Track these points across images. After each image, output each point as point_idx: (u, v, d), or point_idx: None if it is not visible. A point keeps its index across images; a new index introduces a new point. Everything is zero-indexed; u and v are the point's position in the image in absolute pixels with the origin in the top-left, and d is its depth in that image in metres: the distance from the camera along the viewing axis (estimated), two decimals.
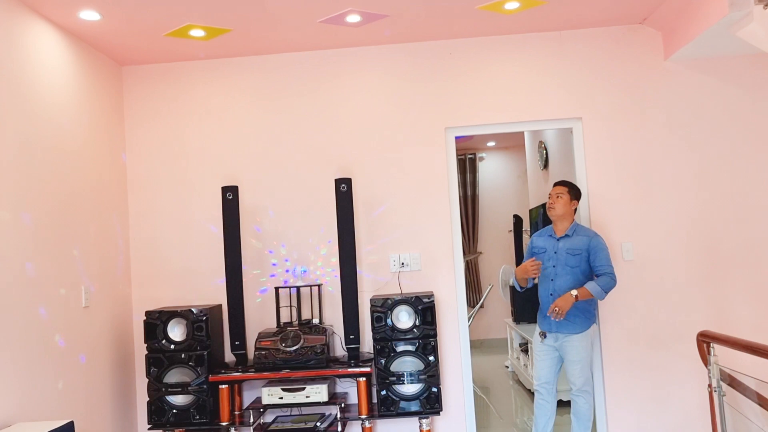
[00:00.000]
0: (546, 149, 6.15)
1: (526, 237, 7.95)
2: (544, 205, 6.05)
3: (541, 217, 6.17)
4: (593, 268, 3.71)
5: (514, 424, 4.88)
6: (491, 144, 8.53)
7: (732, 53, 4.15)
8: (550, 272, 3.79)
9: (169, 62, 4.38)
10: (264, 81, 4.36)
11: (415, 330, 3.85)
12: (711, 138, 4.19)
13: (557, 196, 3.81)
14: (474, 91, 4.29)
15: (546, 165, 6.19)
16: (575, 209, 3.84)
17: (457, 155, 8.62)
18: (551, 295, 3.75)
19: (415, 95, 4.31)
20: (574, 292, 3.58)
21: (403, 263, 4.25)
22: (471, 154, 8.62)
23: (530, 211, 6.95)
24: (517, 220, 7.47)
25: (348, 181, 3.97)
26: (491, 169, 8.72)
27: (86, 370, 3.69)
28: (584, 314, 3.70)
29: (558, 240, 3.80)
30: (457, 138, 7.51)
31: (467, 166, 8.61)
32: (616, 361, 4.14)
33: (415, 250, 4.26)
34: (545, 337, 3.79)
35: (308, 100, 4.34)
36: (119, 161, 4.27)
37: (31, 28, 3.36)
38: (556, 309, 3.58)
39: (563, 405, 5.08)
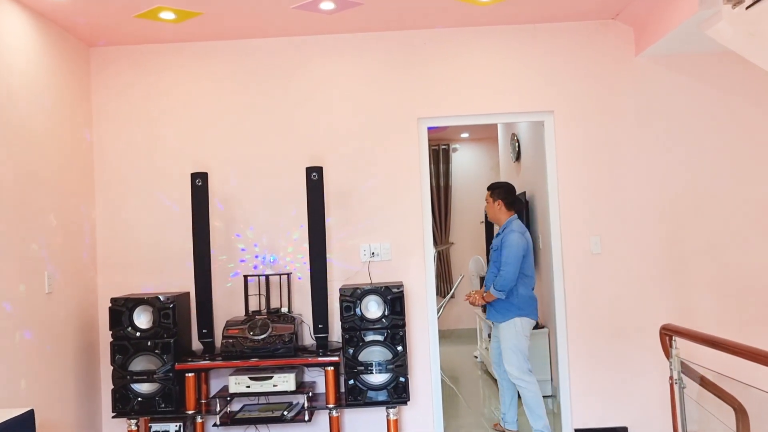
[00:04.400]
0: (519, 142, 6.18)
1: (496, 228, 8.00)
2: None
3: None
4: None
5: (482, 413, 4.93)
6: (465, 135, 8.56)
7: (702, 51, 4.21)
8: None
9: (138, 44, 4.29)
10: (235, 66, 4.30)
11: (383, 320, 3.86)
12: (679, 134, 4.26)
13: (486, 203, 4.38)
14: (447, 82, 4.29)
15: (518, 158, 6.23)
16: (506, 208, 4.25)
17: (431, 146, 8.63)
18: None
19: (388, 84, 4.29)
20: (484, 292, 4.20)
21: (373, 253, 4.25)
22: (444, 144, 8.64)
23: None
24: None
25: (319, 170, 3.95)
26: (464, 160, 8.75)
27: (50, 357, 3.62)
28: (505, 305, 4.10)
29: (495, 238, 4.32)
30: (430, 128, 7.52)
31: (441, 156, 8.62)
32: (582, 352, 4.20)
33: (385, 240, 4.25)
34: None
35: (280, 86, 4.29)
36: (85, 144, 4.18)
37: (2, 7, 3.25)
38: (467, 299, 4.33)
39: None
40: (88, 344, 4.08)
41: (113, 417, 3.75)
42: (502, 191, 4.26)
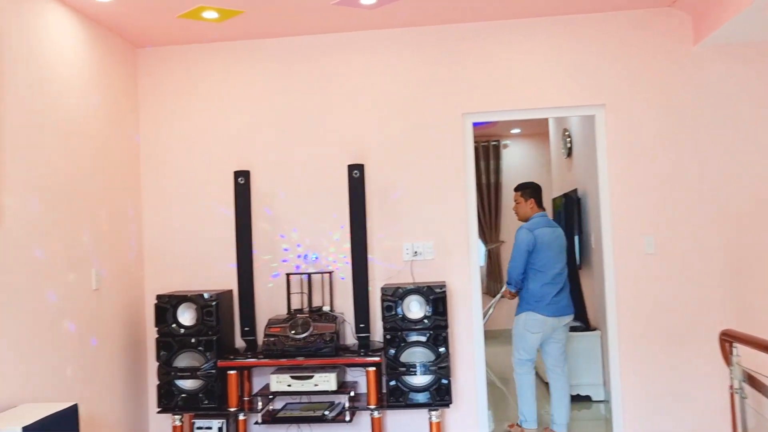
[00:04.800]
0: (570, 137, 5.98)
1: None
2: (566, 195, 5.90)
3: (563, 207, 6.02)
4: None
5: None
6: (515, 131, 8.36)
7: (766, 39, 3.95)
8: None
9: (182, 44, 4.33)
10: (277, 64, 4.29)
11: (426, 320, 3.78)
12: (741, 129, 4.00)
13: (515, 203, 4.46)
14: (493, 76, 4.16)
15: (570, 153, 6.03)
16: (537, 206, 4.36)
17: (480, 142, 8.48)
18: None
19: (431, 80, 4.20)
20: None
21: (416, 252, 4.17)
22: (495, 140, 8.46)
23: (553, 200, 6.79)
24: None
25: (361, 167, 3.89)
26: (515, 156, 8.55)
27: (96, 352, 3.70)
28: (520, 299, 4.31)
29: None
30: (479, 124, 7.37)
31: (490, 152, 8.46)
32: (635, 356, 4.01)
33: (428, 238, 4.17)
34: None
35: (322, 83, 4.26)
36: (133, 144, 4.25)
37: (46, 10, 3.33)
38: (505, 294, 4.46)
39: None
40: (135, 340, 4.16)
41: (158, 412, 3.81)
42: (532, 190, 4.39)
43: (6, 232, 2.96)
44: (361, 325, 3.89)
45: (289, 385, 3.81)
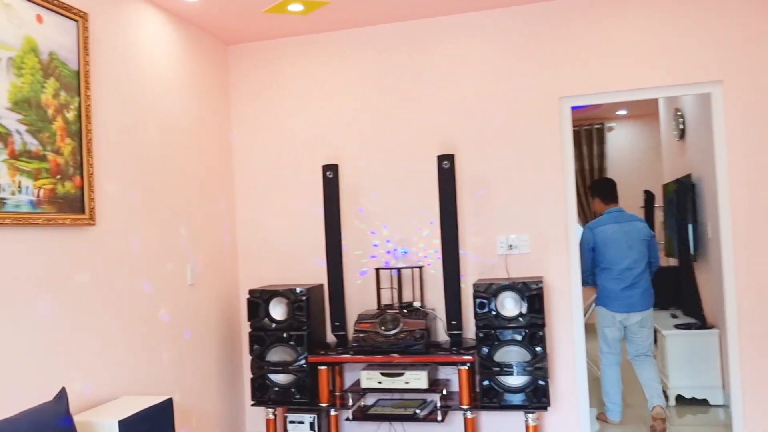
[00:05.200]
0: (683, 117, 5.49)
1: (659, 214, 7.26)
2: (679, 180, 5.44)
3: (675, 194, 5.55)
4: None
5: (641, 416, 4.48)
6: (621, 112, 7.84)
7: None
8: None
9: (270, 39, 4.34)
10: (364, 54, 4.20)
11: (521, 318, 3.57)
12: None
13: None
14: (593, 55, 3.85)
15: (683, 135, 5.54)
16: (604, 203, 4.52)
17: (582, 125, 8.02)
18: None
19: (524, 63, 3.95)
20: None
21: (510, 245, 3.96)
22: (598, 123, 7.99)
23: (664, 186, 6.30)
24: (649, 196, 6.83)
25: (451, 158, 3.73)
26: (621, 140, 8.03)
27: (191, 345, 3.80)
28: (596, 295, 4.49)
29: None
30: (580, 108, 6.96)
31: (594, 136, 7.99)
32: (757, 358, 3.60)
33: (524, 231, 3.94)
34: None
35: (410, 72, 4.12)
36: (226, 140, 4.32)
37: (139, 12, 3.41)
38: None
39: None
40: (230, 334, 4.24)
41: (252, 405, 3.86)
42: (596, 188, 4.58)
43: (104, 226, 3.07)
44: (453, 322, 3.75)
45: (379, 382, 3.74)
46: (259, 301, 3.90)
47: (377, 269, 4.00)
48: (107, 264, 3.08)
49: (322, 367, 3.82)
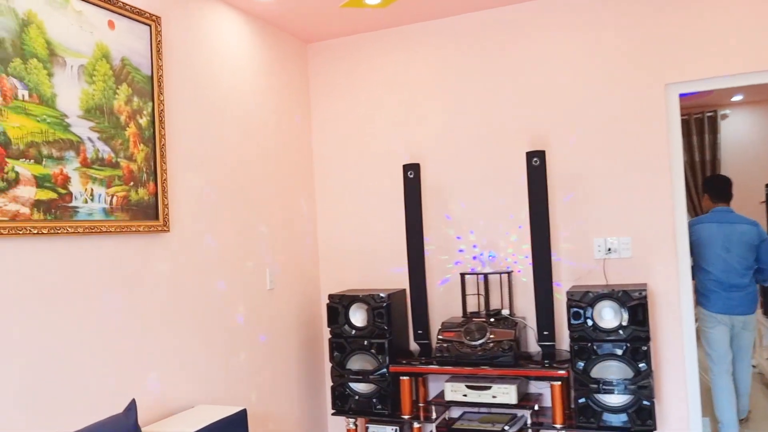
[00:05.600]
0: None
1: None
2: None
3: None
4: None
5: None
6: (737, 98, 7.12)
7: None
8: None
9: (348, 36, 4.19)
10: (445, 47, 3.96)
11: (621, 331, 3.22)
12: None
13: None
14: (703, 34, 3.42)
15: None
16: (712, 201, 4.32)
17: (693, 113, 7.36)
18: None
19: (624, 47, 3.57)
20: None
21: (609, 249, 3.60)
22: (710, 111, 7.30)
23: None
24: None
25: (541, 154, 3.43)
26: (737, 128, 7.29)
27: (268, 350, 3.72)
28: None
29: None
30: (689, 95, 6.36)
31: (705, 125, 7.31)
32: None
33: (624, 233, 3.57)
34: None
35: (495, 63, 3.84)
36: (305, 140, 4.22)
37: (212, 13, 3.36)
38: None
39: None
40: (311, 339, 4.15)
41: (332, 414, 3.74)
42: (705, 184, 4.42)
43: (178, 232, 3.03)
44: (545, 333, 3.45)
45: (464, 395, 3.50)
46: (338, 306, 3.77)
47: (462, 274, 3.76)
48: (182, 270, 3.04)
49: (404, 378, 3.63)
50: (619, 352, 3.22)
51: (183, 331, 3.02)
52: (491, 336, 3.47)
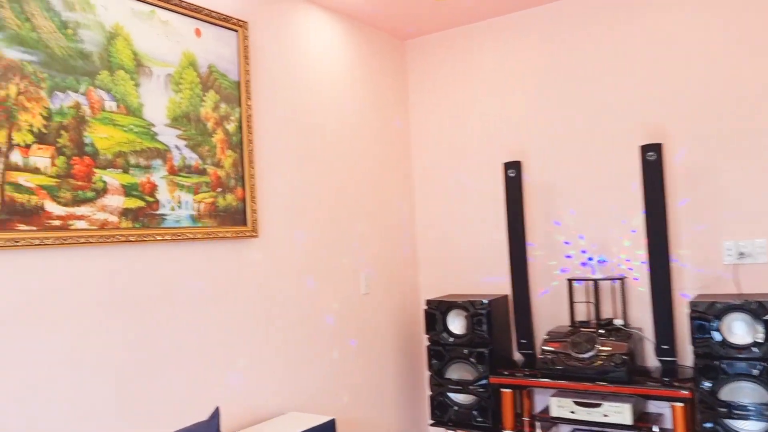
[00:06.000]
0: None
1: None
2: None
3: None
4: None
5: None
6: None
7: None
8: None
9: (446, 30, 4.01)
10: (550, 35, 3.67)
11: (756, 348, 2.80)
12: None
13: None
14: None
15: None
16: None
17: None
18: None
19: (756, 23, 3.11)
20: None
21: (741, 253, 3.16)
22: None
23: None
24: None
25: (657, 147, 3.07)
26: None
27: (361, 355, 3.64)
28: None
29: None
30: None
31: None
32: None
33: (760, 234, 3.12)
34: None
35: (604, 51, 3.50)
36: (404, 140, 4.10)
37: (301, 15, 3.32)
38: None
39: None
40: (409, 346, 4.02)
41: (430, 425, 3.58)
42: None
43: (268, 237, 3.01)
44: (664, 347, 3.09)
45: (572, 412, 3.22)
46: (435, 312, 3.61)
47: (569, 280, 3.46)
48: (270, 275, 3.02)
49: (506, 390, 3.41)
50: (756, 372, 2.80)
51: (271, 335, 3.00)
52: (602, 348, 3.16)
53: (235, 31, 2.87)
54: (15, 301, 2.03)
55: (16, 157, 2.05)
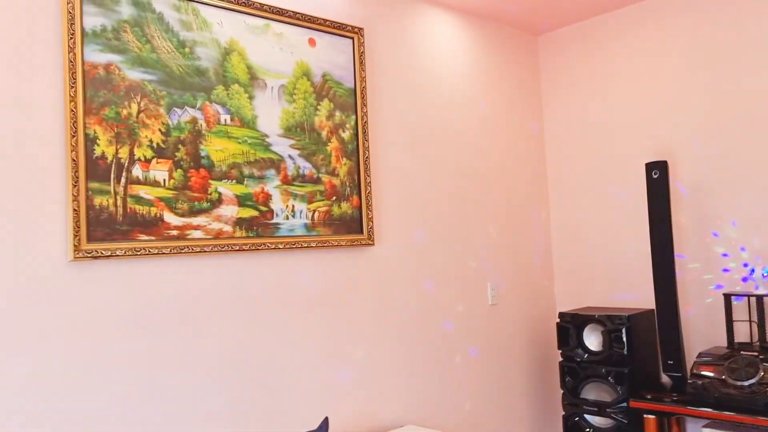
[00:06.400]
0: None
1: None
2: None
3: None
4: None
5: None
6: None
7: None
8: None
9: (581, 21, 3.71)
10: (700, 14, 3.25)
11: None
12: None
13: None
14: None
15: None
16: None
17: None
18: None
19: None
20: None
21: None
22: None
23: None
24: None
25: None
26: None
27: (484, 369, 3.46)
28: None
29: None
30: None
31: None
32: None
33: None
34: None
35: (764, 34, 3.03)
36: (538, 140, 3.86)
37: (421, 17, 3.24)
38: None
39: None
40: (541, 361, 3.76)
41: None
42: None
43: (384, 245, 2.96)
44: None
45: None
46: (569, 326, 3.34)
47: (726, 295, 3.03)
48: (387, 284, 2.96)
49: (650, 416, 3.06)
50: None
51: (386, 342, 2.94)
52: (766, 375, 2.72)
53: (351, 38, 2.86)
54: (134, 309, 2.16)
55: (137, 171, 2.18)
